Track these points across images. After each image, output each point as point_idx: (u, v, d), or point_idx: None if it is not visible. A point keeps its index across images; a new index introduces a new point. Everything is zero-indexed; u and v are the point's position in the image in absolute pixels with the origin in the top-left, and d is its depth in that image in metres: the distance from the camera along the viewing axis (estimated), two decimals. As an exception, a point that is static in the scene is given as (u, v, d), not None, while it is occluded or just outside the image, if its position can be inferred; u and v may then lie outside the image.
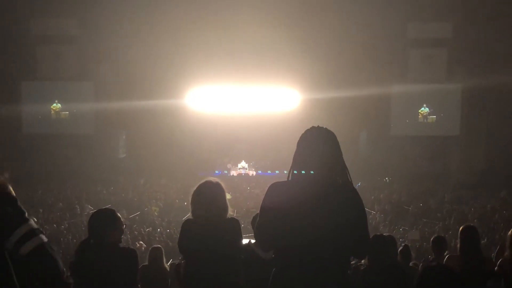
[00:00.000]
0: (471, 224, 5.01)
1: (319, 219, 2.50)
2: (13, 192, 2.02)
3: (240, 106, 27.26)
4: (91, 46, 25.06)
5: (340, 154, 2.65)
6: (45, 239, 1.99)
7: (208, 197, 3.43)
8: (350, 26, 23.56)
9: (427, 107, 27.64)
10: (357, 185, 20.42)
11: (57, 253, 1.98)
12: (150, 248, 6.16)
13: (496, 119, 24.28)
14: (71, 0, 24.30)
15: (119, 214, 3.77)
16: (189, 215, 3.57)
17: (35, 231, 1.98)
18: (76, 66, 26.57)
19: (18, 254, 1.93)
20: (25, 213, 2.00)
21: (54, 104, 27.40)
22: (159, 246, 6.22)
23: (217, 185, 3.50)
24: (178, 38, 23.90)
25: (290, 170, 2.65)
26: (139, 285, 4.75)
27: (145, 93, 24.52)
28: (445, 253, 5.67)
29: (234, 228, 3.45)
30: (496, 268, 4.42)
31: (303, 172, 2.60)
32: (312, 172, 2.58)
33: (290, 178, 2.64)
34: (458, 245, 4.54)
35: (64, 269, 2.06)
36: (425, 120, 28.08)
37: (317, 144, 2.61)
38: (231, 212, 3.52)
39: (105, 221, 3.63)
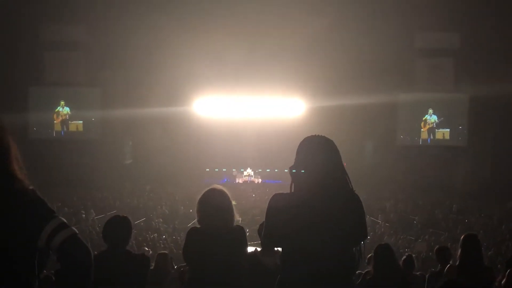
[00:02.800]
0: (472, 233, 4.97)
1: (322, 228, 2.51)
2: (41, 196, 2.07)
3: (246, 114, 27.31)
4: (99, 52, 25.22)
5: (340, 161, 2.65)
6: (76, 231, 2.02)
7: (214, 205, 3.41)
8: (357, 34, 23.60)
9: (434, 114, 27.20)
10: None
11: (89, 246, 2.02)
12: (156, 254, 6.18)
13: (503, 129, 24.18)
14: (80, 6, 24.46)
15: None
16: (194, 222, 3.57)
17: (66, 224, 2.01)
18: (84, 72, 26.70)
19: (51, 247, 1.96)
20: (54, 212, 2.05)
21: (60, 108, 27.35)
22: (166, 252, 6.23)
23: (223, 192, 3.50)
24: (185, 46, 24.00)
25: (291, 181, 2.66)
26: None
27: (152, 100, 24.63)
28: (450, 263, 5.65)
29: (239, 237, 3.45)
30: (504, 281, 4.38)
31: (302, 184, 2.61)
32: (311, 182, 2.59)
33: (292, 190, 2.65)
34: (459, 254, 4.49)
35: None
36: (431, 136, 27.34)
37: (316, 152, 2.61)
38: (238, 218, 3.52)
39: (123, 230, 3.71)
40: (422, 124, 27.51)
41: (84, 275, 1.97)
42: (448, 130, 27.41)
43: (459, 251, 4.45)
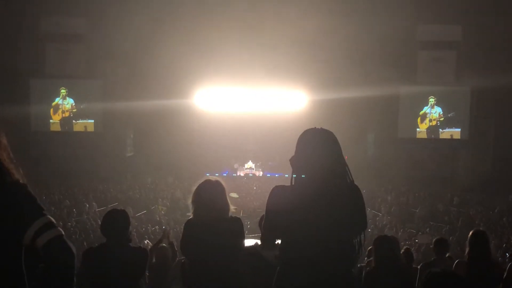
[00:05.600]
0: (481, 229, 4.96)
1: (322, 220, 2.52)
2: (32, 192, 2.02)
3: (248, 106, 27.28)
4: (100, 44, 25.15)
5: (340, 154, 2.65)
6: (62, 232, 1.99)
7: (208, 197, 3.44)
8: (359, 27, 23.52)
9: (437, 105, 26.16)
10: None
11: (74, 248, 1.99)
12: (157, 248, 6.17)
13: (504, 122, 24.14)
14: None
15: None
16: (189, 214, 3.60)
17: (53, 224, 1.98)
18: (85, 64, 26.64)
19: (35, 246, 1.93)
20: (43, 209, 2.01)
21: (60, 100, 26.62)
22: (166, 245, 6.23)
23: (217, 184, 3.51)
24: (187, 38, 23.96)
25: (292, 174, 2.66)
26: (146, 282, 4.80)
27: (153, 92, 24.59)
28: (447, 255, 5.67)
29: (235, 228, 3.47)
30: (505, 274, 4.39)
31: (303, 175, 2.61)
32: (312, 174, 2.58)
33: (293, 183, 2.65)
34: (467, 250, 4.48)
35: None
36: (432, 135, 25.83)
37: (317, 145, 2.62)
38: (233, 210, 3.53)
39: (121, 223, 3.74)
40: (419, 121, 26.37)
41: (66, 277, 1.94)
42: (459, 130, 26.01)
43: (467, 248, 4.45)
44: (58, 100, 26.64)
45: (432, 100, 26.26)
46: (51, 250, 1.92)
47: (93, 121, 26.64)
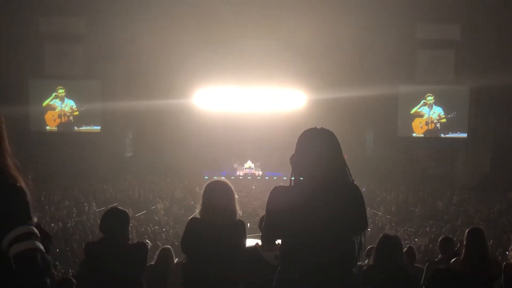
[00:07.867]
0: (478, 227, 4.97)
1: (323, 220, 2.51)
2: (28, 198, 1.94)
3: (247, 106, 27.26)
4: (98, 44, 25.12)
5: (340, 153, 2.64)
6: (39, 246, 1.87)
7: (216, 199, 3.43)
8: (358, 26, 23.50)
9: (437, 105, 25.93)
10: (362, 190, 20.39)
11: (48, 264, 1.87)
12: (159, 249, 6.16)
13: (503, 121, 24.15)
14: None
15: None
16: (195, 214, 3.58)
17: (31, 236, 1.86)
18: (84, 65, 26.57)
19: (8, 254, 1.83)
20: (30, 218, 1.91)
21: (57, 101, 26.54)
22: (169, 247, 6.21)
23: (226, 186, 3.51)
24: (186, 38, 23.92)
25: (291, 175, 2.65)
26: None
27: (152, 92, 24.58)
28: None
29: (239, 231, 3.47)
30: (503, 276, 4.37)
31: (303, 175, 2.60)
32: (312, 174, 2.58)
33: (293, 183, 2.64)
34: (464, 248, 4.49)
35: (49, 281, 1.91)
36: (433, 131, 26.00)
37: (317, 144, 2.60)
38: (239, 212, 3.53)
39: (121, 223, 3.78)
40: (415, 125, 26.18)
41: None
42: (465, 135, 25.85)
43: (464, 245, 4.44)
44: (52, 101, 26.47)
45: (430, 99, 26.15)
46: (19, 262, 1.82)
47: (99, 127, 26.43)
